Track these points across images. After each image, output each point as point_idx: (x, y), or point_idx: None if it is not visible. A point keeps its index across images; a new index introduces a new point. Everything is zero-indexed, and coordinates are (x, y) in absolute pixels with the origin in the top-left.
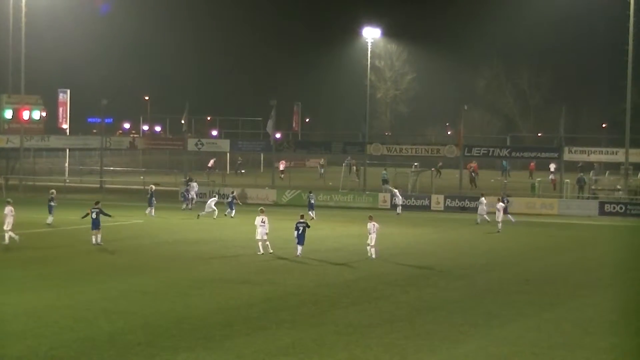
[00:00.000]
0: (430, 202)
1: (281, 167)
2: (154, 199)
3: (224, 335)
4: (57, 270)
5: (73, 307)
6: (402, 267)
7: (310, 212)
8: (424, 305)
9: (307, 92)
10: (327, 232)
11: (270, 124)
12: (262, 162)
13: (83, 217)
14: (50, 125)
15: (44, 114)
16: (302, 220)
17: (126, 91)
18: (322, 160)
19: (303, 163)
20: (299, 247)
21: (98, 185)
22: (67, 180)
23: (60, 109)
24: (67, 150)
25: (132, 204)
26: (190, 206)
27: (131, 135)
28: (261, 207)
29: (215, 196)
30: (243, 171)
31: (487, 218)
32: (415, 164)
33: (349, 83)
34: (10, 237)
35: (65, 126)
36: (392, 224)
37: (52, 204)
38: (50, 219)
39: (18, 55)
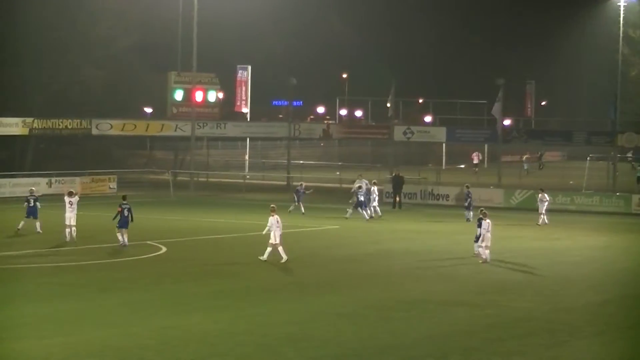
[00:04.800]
0: None
1: (475, 160)
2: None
3: None
4: (232, 287)
5: (252, 332)
6: None
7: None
8: None
9: (543, 69)
10: (567, 242)
11: (497, 107)
12: (486, 154)
13: (114, 219)
14: (227, 109)
15: (220, 95)
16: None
17: (320, 68)
18: (527, 154)
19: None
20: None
21: (284, 183)
22: (247, 177)
23: (239, 90)
24: (247, 139)
25: (325, 206)
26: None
27: (325, 122)
28: (272, 205)
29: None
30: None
31: None
32: None
33: (596, 58)
34: (70, 234)
35: (245, 110)
36: None
37: (37, 204)
38: (31, 223)
39: (189, 24)
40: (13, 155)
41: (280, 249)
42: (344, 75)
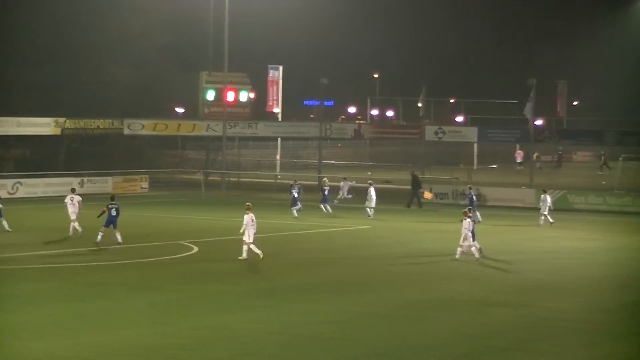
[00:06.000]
0: None
1: (518, 158)
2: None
3: None
4: (263, 287)
5: (284, 331)
6: None
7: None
8: None
9: (575, 69)
10: (600, 243)
11: (529, 107)
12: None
13: (99, 217)
14: (258, 109)
15: (251, 95)
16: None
17: (351, 68)
18: (536, 152)
19: (570, 156)
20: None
21: (315, 183)
22: (279, 177)
23: (271, 90)
24: (279, 139)
25: (357, 206)
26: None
27: (356, 122)
28: (248, 204)
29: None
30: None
31: None
32: None
33: (627, 58)
34: (74, 228)
35: (277, 110)
36: None
37: None
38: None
39: (220, 24)
40: (45, 155)
41: (252, 246)
42: (375, 75)
